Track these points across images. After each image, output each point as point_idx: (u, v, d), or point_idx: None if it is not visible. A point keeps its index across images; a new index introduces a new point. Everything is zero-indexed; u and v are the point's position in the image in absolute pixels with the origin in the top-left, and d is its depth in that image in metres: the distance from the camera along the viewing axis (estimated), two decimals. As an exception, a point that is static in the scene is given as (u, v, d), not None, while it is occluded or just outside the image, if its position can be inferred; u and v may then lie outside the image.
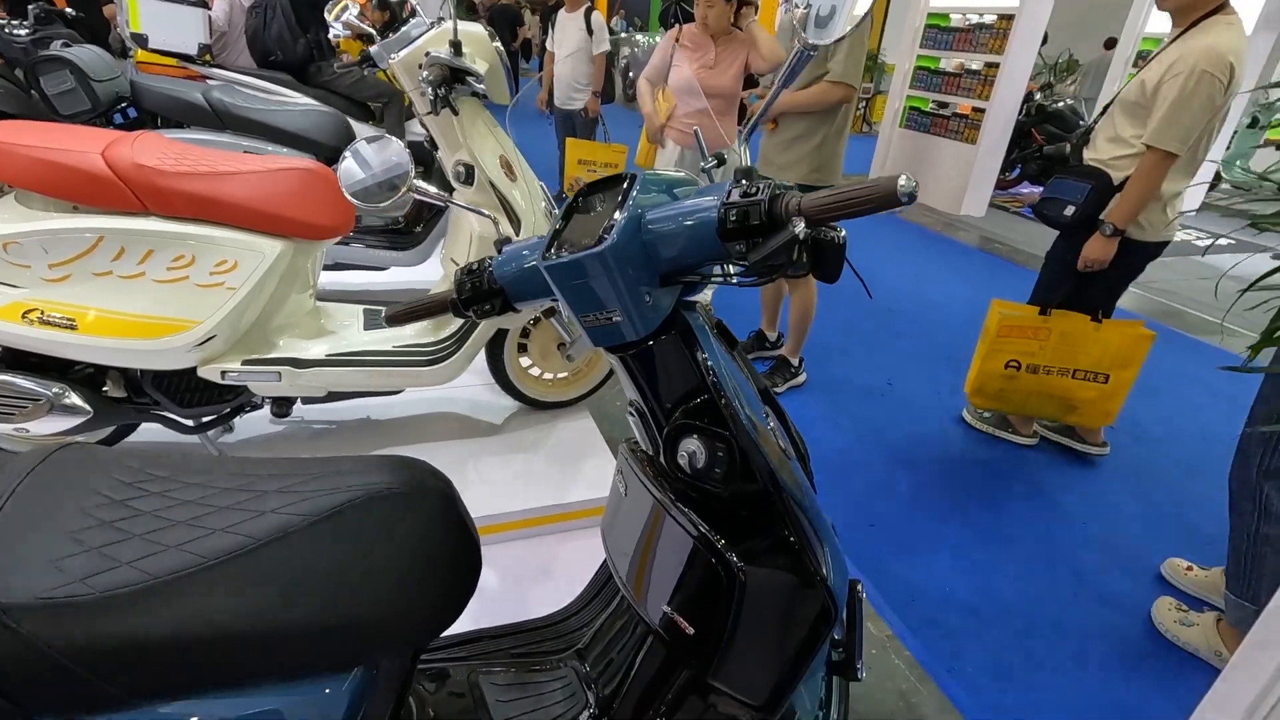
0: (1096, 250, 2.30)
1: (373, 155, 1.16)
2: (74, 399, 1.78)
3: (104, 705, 0.68)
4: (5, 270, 1.62)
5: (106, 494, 0.78)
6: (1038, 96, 7.11)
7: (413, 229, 3.12)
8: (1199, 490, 2.60)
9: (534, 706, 1.16)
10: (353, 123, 3.16)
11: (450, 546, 0.89)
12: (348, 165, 1.14)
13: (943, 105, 6.60)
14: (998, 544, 2.25)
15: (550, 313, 2.45)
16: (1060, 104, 7.03)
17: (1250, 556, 1.70)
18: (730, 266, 0.97)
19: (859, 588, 1.27)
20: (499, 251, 1.12)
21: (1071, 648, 1.87)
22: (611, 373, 2.57)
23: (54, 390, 1.76)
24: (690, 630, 1.02)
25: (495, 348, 2.32)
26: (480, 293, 1.09)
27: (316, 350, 1.99)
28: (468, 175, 2.01)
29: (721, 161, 1.03)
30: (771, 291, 3.28)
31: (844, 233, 0.84)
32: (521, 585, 1.88)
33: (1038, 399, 2.66)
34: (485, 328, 2.11)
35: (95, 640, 0.66)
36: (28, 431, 1.76)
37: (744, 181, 0.87)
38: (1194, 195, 7.54)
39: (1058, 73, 8.82)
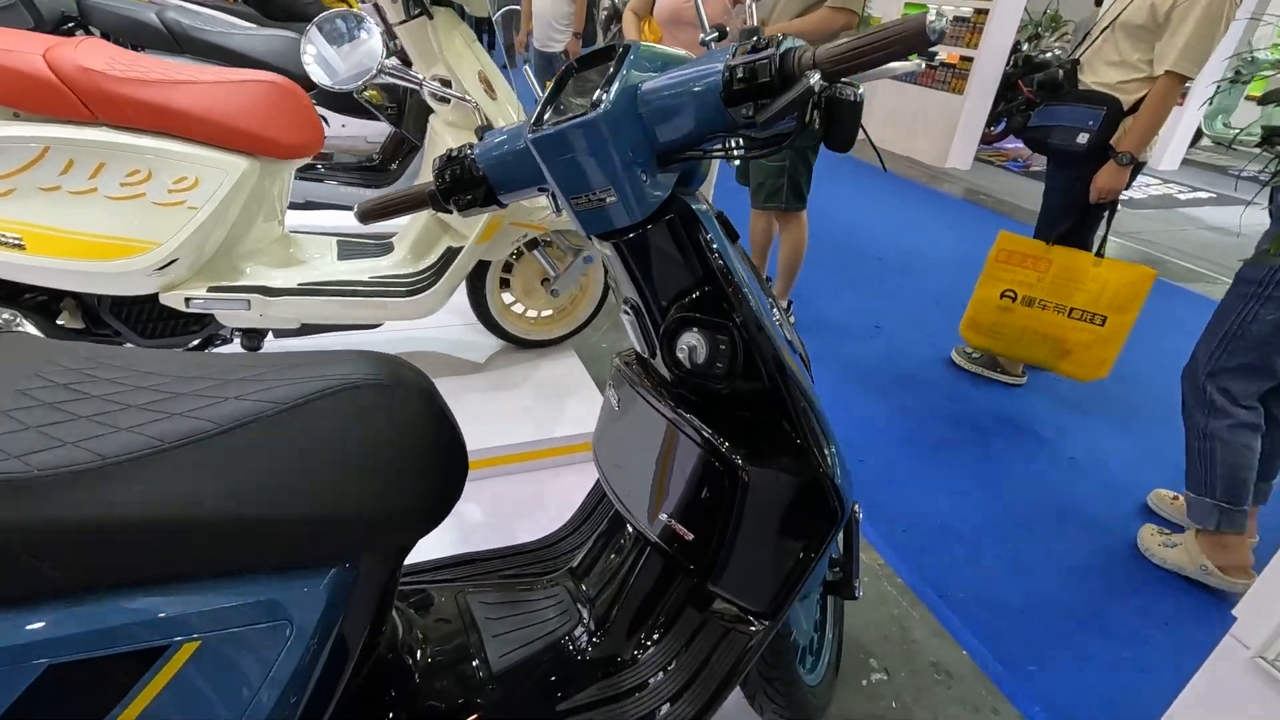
0: (1111, 179, 2.25)
1: (340, 31, 1.06)
2: (26, 327, 1.67)
3: (50, 592, 0.62)
4: (-59, 182, 1.49)
5: (50, 378, 0.70)
6: (1025, 48, 7.00)
7: (387, 166, 2.99)
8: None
9: (526, 624, 1.12)
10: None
11: (433, 441, 0.82)
12: (312, 37, 1.03)
13: (930, 54, 6.47)
14: (986, 478, 2.24)
15: (533, 245, 2.37)
16: (1048, 54, 6.94)
17: (1201, 453, 1.82)
18: (732, 142, 0.90)
19: (855, 508, 1.23)
20: (479, 139, 1.03)
21: (1060, 574, 1.87)
22: (597, 312, 2.50)
23: (2, 318, 1.65)
24: (690, 536, 0.98)
25: (477, 282, 2.24)
26: (461, 181, 1.00)
27: (288, 279, 1.89)
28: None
29: (723, 34, 0.95)
30: (762, 233, 3.20)
31: (861, 90, 0.76)
32: (507, 520, 1.83)
33: (1031, 338, 2.62)
34: (466, 257, 2.01)
35: (37, 521, 0.59)
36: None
37: (752, 39, 0.79)
38: (1174, 152, 7.55)
39: (1045, 26, 8.71)
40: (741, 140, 0.89)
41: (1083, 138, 2.26)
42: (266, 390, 0.73)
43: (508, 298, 2.35)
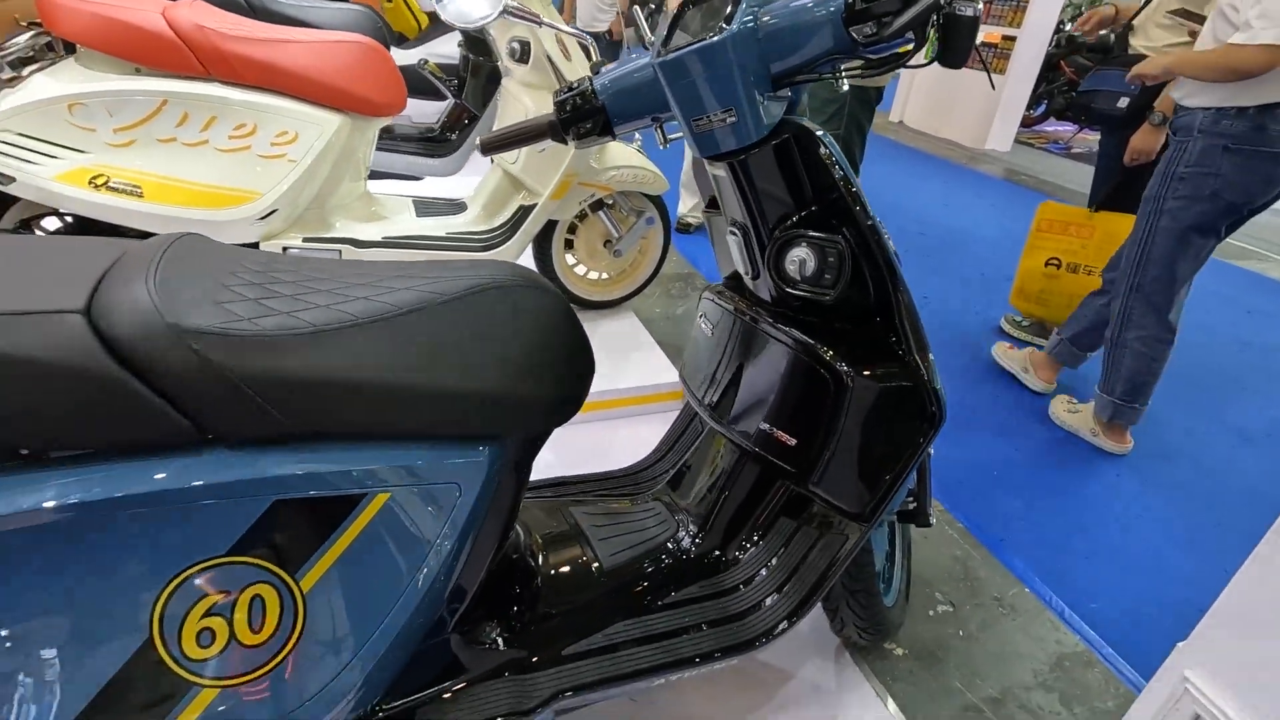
0: (1143, 140, 2.27)
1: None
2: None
3: (279, 438, 0.71)
4: (71, 134, 1.60)
5: (243, 271, 0.79)
6: (1068, 27, 6.90)
7: (448, 136, 3.08)
8: (1247, 401, 2.62)
9: (629, 530, 1.20)
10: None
11: (571, 343, 0.91)
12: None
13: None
14: (1035, 435, 2.29)
15: (597, 206, 2.44)
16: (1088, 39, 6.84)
17: (1112, 359, 2.13)
18: (842, 68, 0.97)
19: None
20: (593, 72, 1.11)
21: (1115, 520, 1.92)
22: (655, 274, 2.57)
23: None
24: (791, 442, 1.05)
25: (544, 243, 2.32)
26: (580, 112, 1.08)
27: (373, 232, 1.99)
28: (522, 52, 1.97)
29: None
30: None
31: (980, 5, 0.83)
32: (579, 469, 1.91)
33: (1074, 301, 2.65)
34: (539, 214, 2.10)
35: (265, 371, 0.68)
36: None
37: None
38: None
39: (1087, 6, 8.56)
40: (854, 63, 0.95)
41: (1123, 102, 2.28)
42: (430, 284, 0.82)
43: (570, 259, 2.44)
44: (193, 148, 1.69)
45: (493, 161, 2.25)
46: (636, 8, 1.36)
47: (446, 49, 4.25)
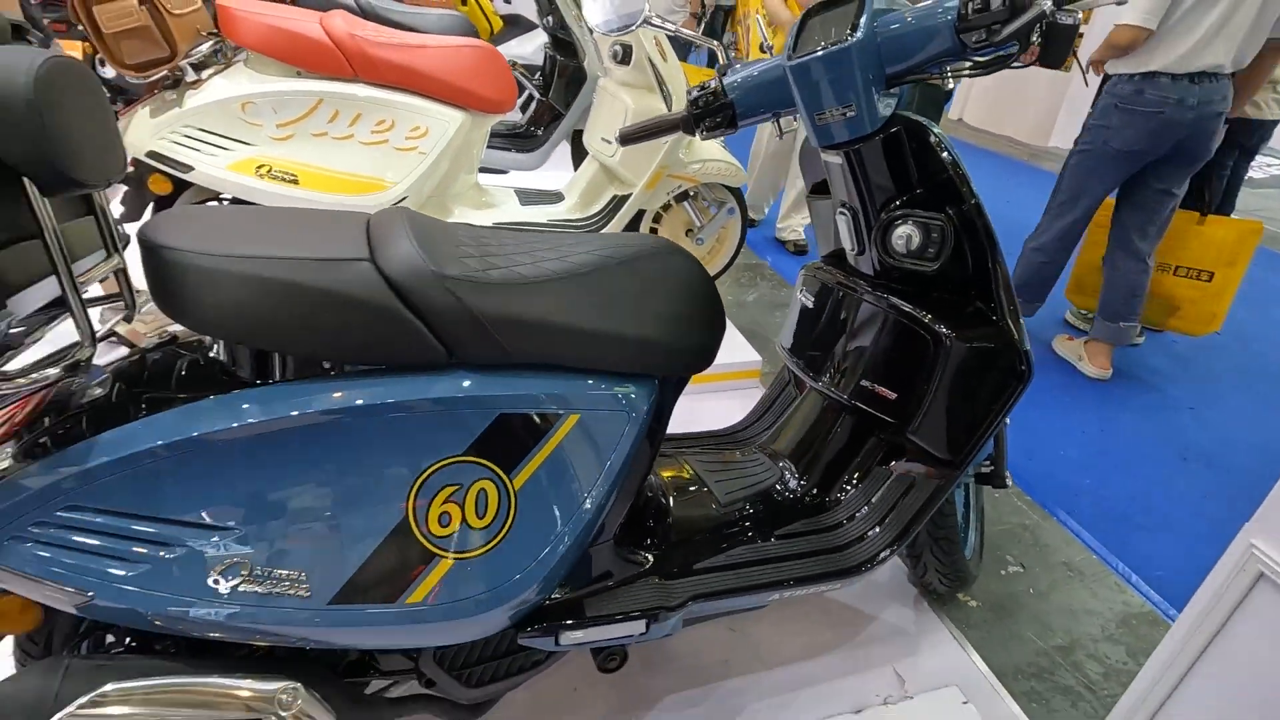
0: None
1: (614, -10, 1.32)
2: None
3: (505, 364, 0.90)
4: (242, 128, 1.85)
5: (461, 233, 0.99)
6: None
7: (534, 132, 3.29)
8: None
9: (739, 475, 1.37)
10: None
11: (707, 302, 1.07)
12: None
13: None
14: (1104, 418, 2.37)
15: (682, 197, 2.61)
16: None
17: (1108, 286, 2.55)
18: (949, 68, 1.11)
19: None
20: (720, 74, 1.27)
21: (1183, 500, 2.00)
22: (731, 262, 2.73)
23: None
24: (892, 396, 1.20)
25: (630, 230, 2.50)
26: (710, 109, 1.25)
27: (485, 218, 2.20)
28: (624, 55, 2.15)
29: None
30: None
31: (1080, 14, 0.97)
32: (669, 431, 2.09)
33: None
34: (633, 203, 2.28)
35: (497, 310, 0.87)
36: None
37: None
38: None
39: None
40: (962, 64, 1.10)
41: None
42: (601, 250, 1.01)
43: (654, 246, 2.61)
44: (340, 141, 1.91)
45: (575, 156, 2.44)
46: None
47: (518, 50, 4.49)
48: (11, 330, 0.79)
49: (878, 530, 1.21)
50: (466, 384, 0.87)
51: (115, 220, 0.93)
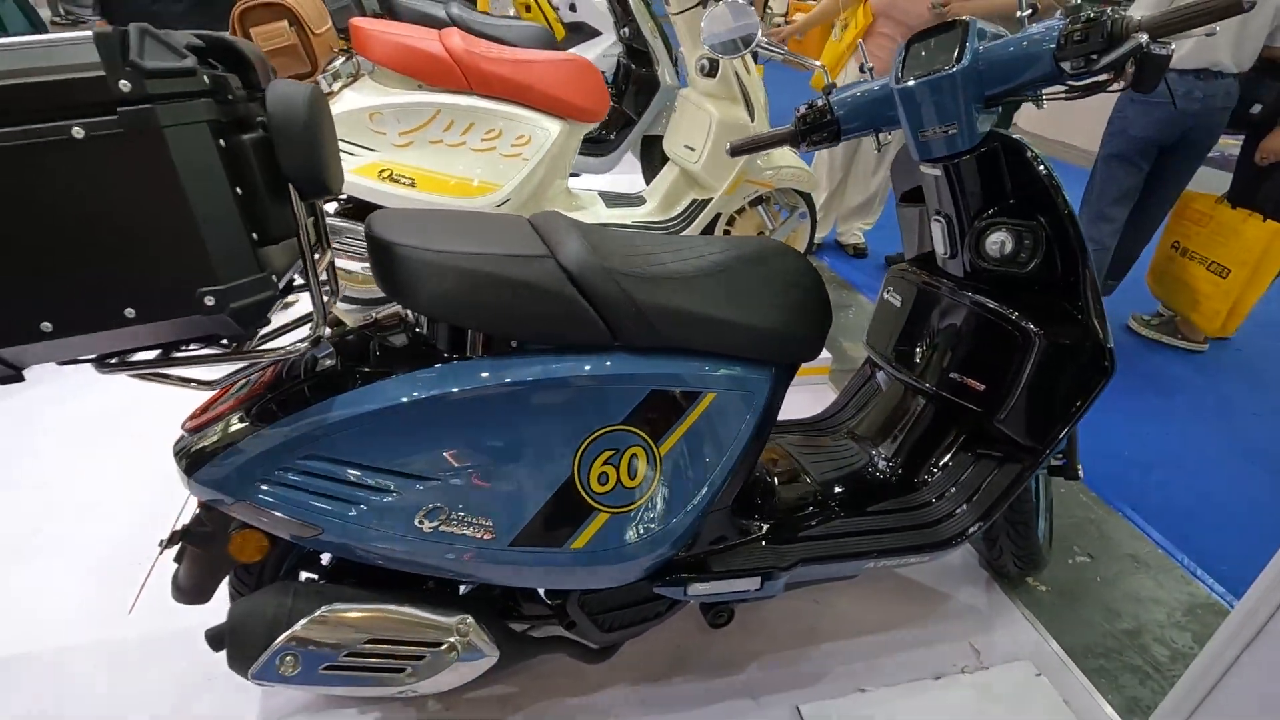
0: (1274, 141, 2.41)
1: (729, 16, 1.47)
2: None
3: (657, 346, 1.05)
4: (368, 136, 2.04)
5: (612, 233, 1.13)
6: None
7: (608, 137, 3.46)
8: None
9: (831, 458, 1.50)
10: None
11: (817, 298, 1.21)
12: (712, 16, 1.44)
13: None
14: (1169, 415, 2.43)
15: (756, 201, 2.74)
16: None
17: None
18: (1043, 91, 1.23)
19: None
20: (826, 94, 1.41)
21: (1246, 491, 2.06)
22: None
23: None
24: (981, 387, 1.32)
25: (706, 233, 2.64)
26: (819, 124, 1.38)
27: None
28: (711, 68, 2.30)
29: (1035, 10, 1.28)
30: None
31: (1173, 47, 1.08)
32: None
33: (1175, 286, 2.87)
34: (714, 206, 2.42)
35: (653, 300, 1.02)
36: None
37: (1081, 11, 1.12)
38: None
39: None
40: (1057, 88, 1.21)
41: (1255, 108, 2.44)
42: (727, 251, 1.15)
43: (726, 248, 2.75)
44: (454, 148, 2.10)
45: (644, 160, 2.59)
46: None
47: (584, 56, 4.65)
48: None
49: (965, 509, 1.33)
50: (627, 364, 1.03)
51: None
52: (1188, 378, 2.75)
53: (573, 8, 4.87)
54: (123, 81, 0.71)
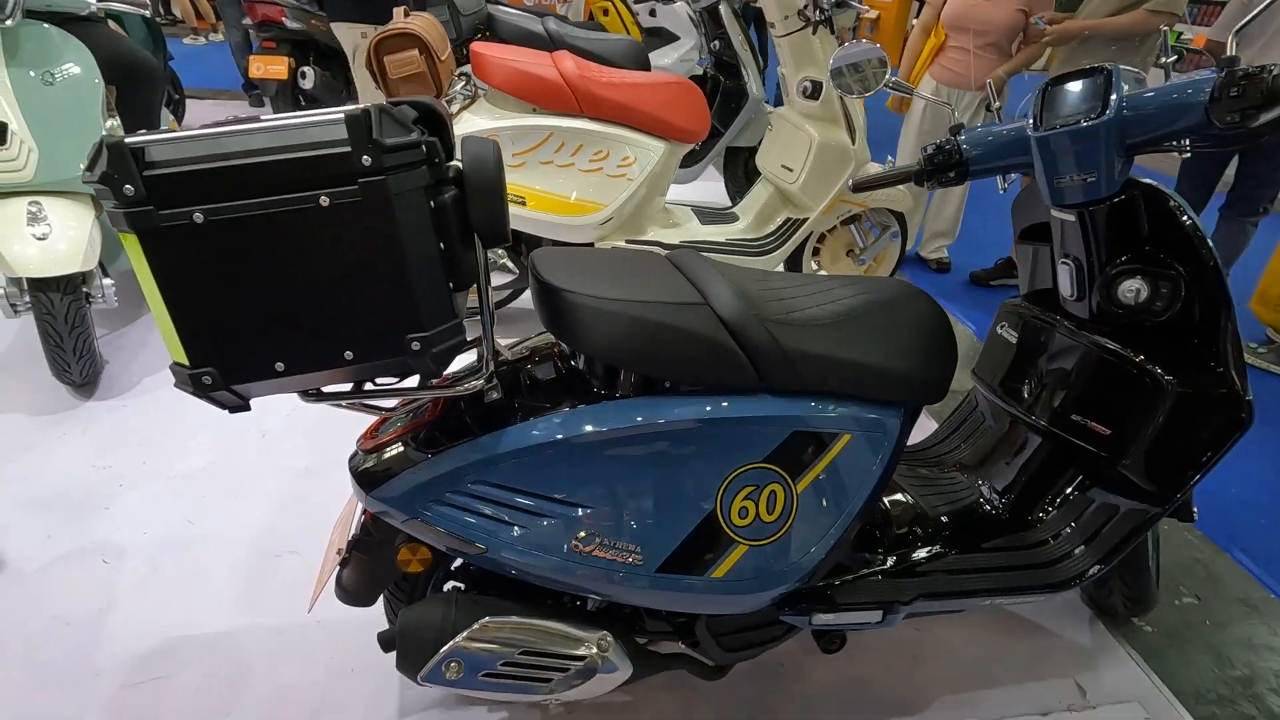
0: None
1: (856, 55, 1.49)
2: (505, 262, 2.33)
3: (798, 389, 1.10)
4: (483, 156, 2.14)
5: (751, 278, 1.18)
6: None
7: (693, 148, 3.50)
8: None
9: (940, 490, 1.52)
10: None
11: (945, 340, 1.23)
12: (840, 57, 1.48)
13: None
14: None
15: (849, 220, 2.74)
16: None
17: None
18: (1186, 142, 1.22)
19: None
20: (954, 133, 1.42)
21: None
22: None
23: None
24: (1106, 432, 1.32)
25: (795, 250, 2.67)
26: (947, 164, 1.40)
27: (673, 237, 2.42)
28: (814, 90, 2.32)
29: (1180, 57, 1.27)
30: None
31: None
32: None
33: None
34: (809, 226, 2.45)
35: (797, 345, 1.07)
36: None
37: (1238, 65, 1.11)
38: None
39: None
40: (1200, 140, 1.20)
41: None
42: (861, 293, 1.18)
43: (814, 265, 2.77)
44: (563, 169, 2.18)
45: (727, 172, 2.62)
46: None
47: (659, 62, 4.70)
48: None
49: (1083, 550, 1.34)
50: (773, 405, 1.08)
51: None
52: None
53: (653, 13, 4.92)
54: (365, 157, 0.80)
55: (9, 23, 1.90)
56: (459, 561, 1.27)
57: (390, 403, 1.10)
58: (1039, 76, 1.61)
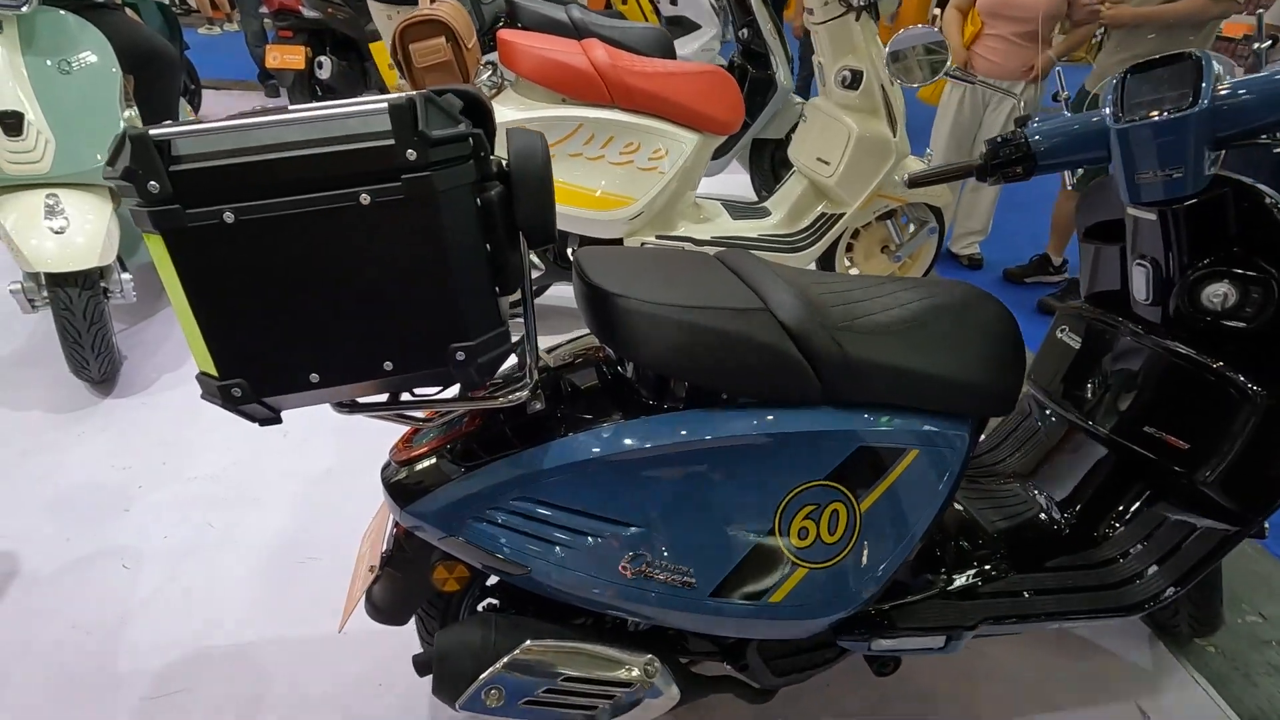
0: None
1: (916, 38, 1.41)
2: (531, 257, 2.26)
3: (860, 400, 1.02)
4: (511, 148, 2.06)
5: (811, 280, 1.10)
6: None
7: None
8: None
9: (999, 505, 1.44)
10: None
11: (1014, 348, 1.14)
12: (900, 40, 1.39)
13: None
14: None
15: (885, 215, 2.65)
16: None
17: None
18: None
19: None
20: (1019, 125, 1.33)
21: None
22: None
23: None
24: (1184, 446, 1.23)
25: (829, 247, 2.58)
26: (1013, 158, 1.31)
27: (704, 232, 2.34)
28: (853, 80, 2.23)
29: (1275, 41, 1.17)
30: (1064, 215, 3.26)
31: None
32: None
33: None
34: (845, 221, 2.36)
35: (864, 355, 0.99)
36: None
37: None
38: None
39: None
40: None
41: None
42: (926, 299, 1.10)
43: (847, 261, 2.68)
44: (593, 161, 2.10)
45: (753, 163, 2.53)
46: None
47: (680, 51, 4.60)
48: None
49: (1156, 570, 1.26)
50: (837, 419, 1.00)
51: None
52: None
53: (673, 1, 4.82)
54: (410, 151, 0.73)
55: (25, 9, 1.84)
56: (494, 579, 1.20)
57: (421, 412, 1.03)
58: (1072, 70, 1.50)
